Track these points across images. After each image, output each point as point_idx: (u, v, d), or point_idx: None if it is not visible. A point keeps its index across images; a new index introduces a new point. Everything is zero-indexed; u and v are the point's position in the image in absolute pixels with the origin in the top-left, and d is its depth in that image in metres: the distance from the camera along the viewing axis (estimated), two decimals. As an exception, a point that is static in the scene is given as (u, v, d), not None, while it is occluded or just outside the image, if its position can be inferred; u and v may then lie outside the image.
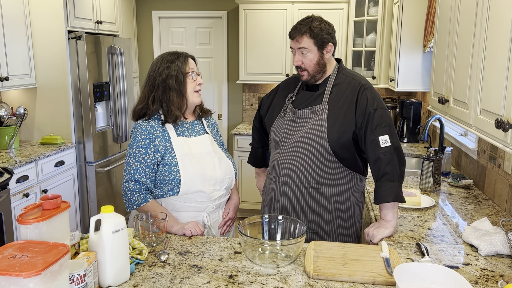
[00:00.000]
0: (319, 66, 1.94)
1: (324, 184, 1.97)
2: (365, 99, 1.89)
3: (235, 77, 5.16)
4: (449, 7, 2.19)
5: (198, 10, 5.17)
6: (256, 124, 2.32)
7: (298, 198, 1.99)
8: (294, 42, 1.94)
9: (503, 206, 2.20)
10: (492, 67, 1.57)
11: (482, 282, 1.47)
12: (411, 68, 3.53)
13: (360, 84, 1.93)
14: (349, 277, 1.45)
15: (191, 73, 1.90)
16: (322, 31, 1.90)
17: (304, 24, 1.91)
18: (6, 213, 2.86)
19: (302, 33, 1.90)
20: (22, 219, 1.25)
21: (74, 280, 1.26)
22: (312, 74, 1.96)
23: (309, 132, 1.94)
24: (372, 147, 1.86)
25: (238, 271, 1.51)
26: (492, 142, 1.54)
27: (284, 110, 2.06)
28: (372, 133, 1.86)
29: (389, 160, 1.84)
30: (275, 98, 2.16)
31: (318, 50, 1.92)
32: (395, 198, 1.83)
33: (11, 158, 3.27)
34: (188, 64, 1.91)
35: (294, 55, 1.97)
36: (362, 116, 1.88)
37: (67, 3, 3.73)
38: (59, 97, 3.84)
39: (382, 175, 1.85)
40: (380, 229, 1.83)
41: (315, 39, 1.90)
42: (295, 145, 1.97)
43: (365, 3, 4.30)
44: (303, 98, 2.02)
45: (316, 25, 1.90)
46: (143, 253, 1.58)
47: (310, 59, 1.93)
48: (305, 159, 1.94)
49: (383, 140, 1.85)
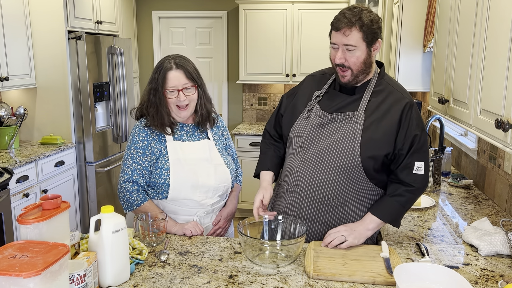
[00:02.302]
0: (365, 66, 1.67)
1: (348, 202, 1.73)
2: (411, 119, 1.67)
3: (235, 77, 5.16)
4: (449, 7, 2.19)
5: (198, 10, 5.17)
6: (274, 122, 1.97)
7: (316, 214, 1.76)
8: (339, 35, 1.63)
9: (503, 206, 2.20)
10: (492, 67, 1.57)
11: (482, 282, 1.47)
12: (411, 68, 3.52)
13: (406, 101, 1.68)
14: (349, 277, 1.45)
15: (170, 91, 1.81)
16: (373, 24, 1.63)
17: (353, 14, 1.61)
18: (6, 213, 2.86)
19: (352, 24, 1.60)
20: (22, 219, 1.25)
21: (74, 280, 1.26)
22: (356, 74, 1.68)
23: (338, 142, 1.69)
24: (404, 170, 1.68)
25: (238, 271, 1.51)
26: (492, 142, 1.54)
27: (309, 110, 1.79)
28: (410, 157, 1.67)
29: (412, 189, 1.69)
30: (297, 94, 1.88)
31: (367, 46, 1.64)
32: (391, 222, 1.71)
33: (11, 158, 3.27)
34: (167, 81, 1.81)
35: (336, 50, 1.67)
36: (405, 137, 1.66)
37: (67, 3, 3.73)
38: (59, 97, 3.84)
39: (396, 195, 1.69)
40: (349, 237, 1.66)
41: (365, 33, 1.61)
42: (320, 155, 1.71)
43: (365, 3, 4.30)
44: (334, 100, 1.76)
45: (367, 15, 1.62)
46: (143, 253, 1.58)
47: (357, 57, 1.64)
48: (330, 173, 1.70)
49: (418, 166, 1.68)
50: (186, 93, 1.83)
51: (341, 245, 1.65)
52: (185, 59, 1.88)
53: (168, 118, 1.85)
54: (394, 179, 1.72)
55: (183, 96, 1.82)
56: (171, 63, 1.82)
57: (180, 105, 1.84)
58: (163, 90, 1.81)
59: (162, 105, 1.83)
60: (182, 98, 1.82)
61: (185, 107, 1.85)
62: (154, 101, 1.83)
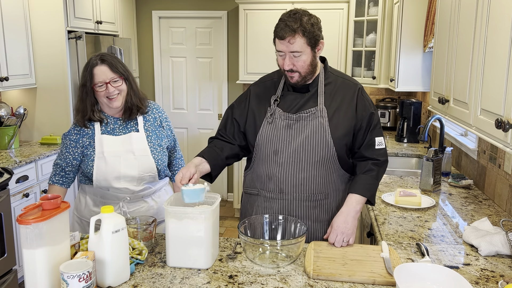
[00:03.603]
0: (311, 67, 1.76)
1: (331, 193, 1.86)
2: (364, 100, 1.83)
3: (235, 77, 5.16)
4: (449, 7, 2.19)
5: (198, 10, 5.17)
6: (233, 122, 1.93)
7: (305, 213, 1.84)
8: (284, 43, 1.69)
9: (503, 206, 2.20)
10: (492, 67, 1.57)
11: (482, 282, 1.47)
12: (411, 68, 3.52)
13: (357, 85, 1.85)
14: (349, 277, 1.45)
15: (98, 85, 1.89)
16: (314, 27, 1.69)
17: (294, 20, 1.67)
18: (6, 213, 2.86)
19: (294, 32, 1.66)
20: (22, 219, 1.25)
21: (84, 278, 1.27)
22: (304, 75, 1.76)
23: (310, 138, 1.78)
24: (368, 148, 1.83)
25: (238, 271, 1.51)
26: (492, 142, 1.54)
27: (271, 114, 1.83)
28: (370, 134, 1.83)
29: (379, 162, 1.84)
30: (249, 104, 1.90)
31: (311, 49, 1.72)
32: (370, 197, 1.81)
33: (11, 158, 3.27)
34: (94, 76, 1.88)
35: (283, 58, 1.74)
36: (362, 117, 1.81)
37: (67, 3, 3.73)
38: (59, 97, 3.84)
39: (367, 170, 1.82)
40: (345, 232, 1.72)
41: (308, 38, 1.68)
42: (295, 155, 1.79)
43: (365, 3, 4.30)
44: (293, 100, 1.84)
45: (307, 19, 1.68)
46: (143, 253, 1.57)
47: (303, 61, 1.72)
48: (310, 170, 1.80)
49: (379, 141, 1.84)
50: (114, 84, 1.91)
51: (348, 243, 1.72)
52: (110, 55, 1.95)
53: (92, 112, 1.95)
54: (360, 158, 1.86)
55: (111, 88, 1.90)
56: (96, 59, 1.90)
57: (110, 96, 1.91)
58: (92, 86, 1.89)
59: (88, 99, 1.93)
60: (111, 90, 1.90)
61: (116, 97, 1.92)
62: (81, 96, 1.94)
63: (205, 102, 5.34)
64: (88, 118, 1.95)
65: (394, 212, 2.16)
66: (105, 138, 1.97)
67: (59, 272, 1.28)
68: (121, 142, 1.98)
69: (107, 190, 2.01)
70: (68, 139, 2.01)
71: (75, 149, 2.00)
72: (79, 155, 2.01)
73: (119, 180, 1.97)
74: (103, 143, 1.96)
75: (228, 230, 4.69)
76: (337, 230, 1.71)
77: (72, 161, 2.02)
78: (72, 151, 2.01)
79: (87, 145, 1.99)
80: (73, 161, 2.02)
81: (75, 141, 2.00)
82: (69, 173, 2.05)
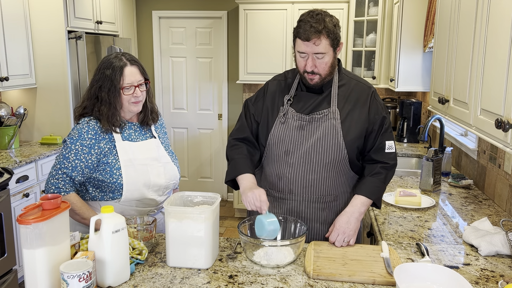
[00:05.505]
0: (331, 68, 1.75)
1: (340, 195, 1.84)
2: (377, 103, 1.82)
3: (235, 77, 5.16)
4: (449, 7, 2.19)
5: (198, 10, 5.17)
6: (247, 129, 1.91)
7: (314, 214, 1.84)
8: (309, 45, 1.66)
9: (503, 206, 2.20)
10: (492, 67, 1.57)
11: (482, 282, 1.47)
12: (411, 68, 3.52)
13: (371, 89, 1.83)
14: (349, 277, 1.45)
15: (126, 88, 1.76)
16: (336, 28, 1.69)
17: (318, 21, 1.65)
18: (6, 213, 2.86)
19: (320, 33, 1.64)
20: (22, 219, 1.25)
21: (84, 278, 1.27)
22: (324, 77, 1.75)
23: (322, 140, 1.76)
24: (377, 151, 1.82)
25: (238, 271, 1.51)
26: (492, 142, 1.54)
27: (284, 114, 1.82)
28: (381, 137, 1.81)
29: (388, 166, 1.83)
30: (264, 101, 1.89)
31: (333, 51, 1.71)
32: (376, 200, 1.80)
33: (11, 158, 3.27)
34: (124, 76, 1.75)
35: (305, 59, 1.71)
36: (374, 120, 1.79)
37: (67, 3, 3.73)
38: (59, 97, 3.84)
39: (376, 173, 1.80)
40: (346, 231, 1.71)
41: (331, 39, 1.67)
42: (307, 156, 1.77)
43: (365, 3, 4.30)
44: (306, 101, 1.82)
45: (330, 20, 1.67)
46: (143, 253, 1.57)
47: (325, 62, 1.70)
48: (321, 171, 1.78)
49: (389, 145, 1.82)
50: (141, 89, 1.80)
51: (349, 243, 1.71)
52: (132, 55, 1.84)
53: (119, 117, 1.81)
54: (369, 161, 1.84)
55: (139, 92, 1.79)
56: (123, 60, 1.77)
57: (136, 100, 1.79)
58: (121, 88, 1.75)
59: (117, 103, 1.77)
60: (138, 94, 1.79)
61: (139, 102, 1.81)
62: (108, 100, 1.75)
63: (205, 102, 5.34)
64: (112, 122, 1.78)
65: (394, 212, 2.16)
66: (127, 144, 1.81)
67: (59, 272, 1.28)
68: (145, 149, 1.85)
69: (133, 206, 1.83)
70: (79, 144, 1.74)
71: (88, 156, 1.74)
72: (93, 163, 1.76)
73: (148, 190, 1.83)
74: (127, 149, 1.80)
75: (228, 230, 4.69)
76: (338, 229, 1.71)
77: (83, 169, 1.75)
78: (85, 158, 1.74)
79: (106, 152, 1.77)
80: (84, 169, 1.75)
81: (89, 147, 1.75)
82: (77, 184, 1.79)
